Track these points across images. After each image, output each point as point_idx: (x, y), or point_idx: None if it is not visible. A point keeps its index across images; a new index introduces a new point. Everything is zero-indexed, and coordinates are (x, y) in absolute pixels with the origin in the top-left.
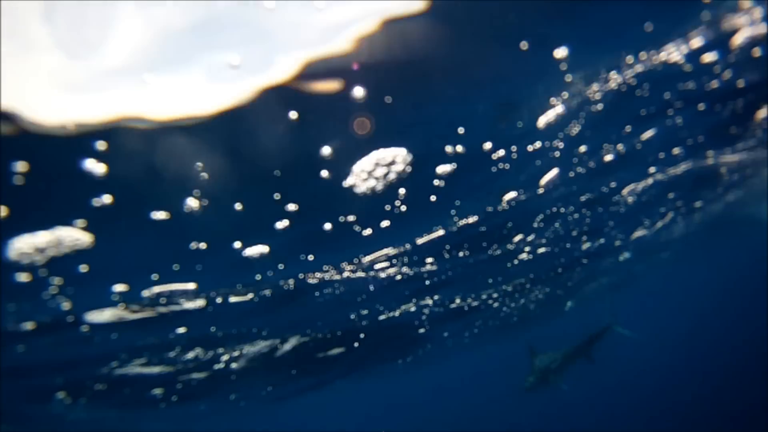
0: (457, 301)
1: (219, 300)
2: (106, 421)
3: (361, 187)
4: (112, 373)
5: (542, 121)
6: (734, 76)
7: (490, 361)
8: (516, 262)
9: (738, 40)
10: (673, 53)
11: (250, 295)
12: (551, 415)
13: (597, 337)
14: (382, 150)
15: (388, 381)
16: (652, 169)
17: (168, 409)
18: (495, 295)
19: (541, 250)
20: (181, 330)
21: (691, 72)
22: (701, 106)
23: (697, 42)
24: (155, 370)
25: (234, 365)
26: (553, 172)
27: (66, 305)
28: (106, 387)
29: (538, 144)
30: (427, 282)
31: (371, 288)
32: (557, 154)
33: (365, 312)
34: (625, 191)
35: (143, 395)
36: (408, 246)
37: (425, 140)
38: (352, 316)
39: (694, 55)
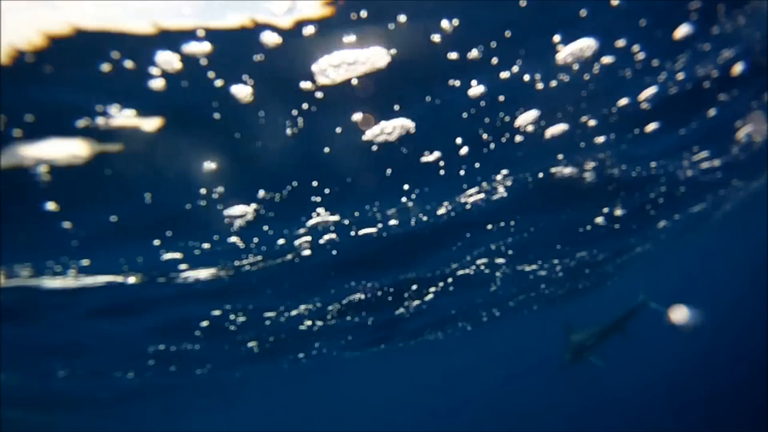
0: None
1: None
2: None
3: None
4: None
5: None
6: None
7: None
8: (590, 227)
9: None
10: None
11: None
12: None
13: (632, 314)
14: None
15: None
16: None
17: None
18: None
19: (618, 212)
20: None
21: None
22: None
23: None
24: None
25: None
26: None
27: None
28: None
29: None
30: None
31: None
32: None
33: (455, 266)
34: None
35: (240, 349)
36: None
37: (610, 32)
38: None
39: None
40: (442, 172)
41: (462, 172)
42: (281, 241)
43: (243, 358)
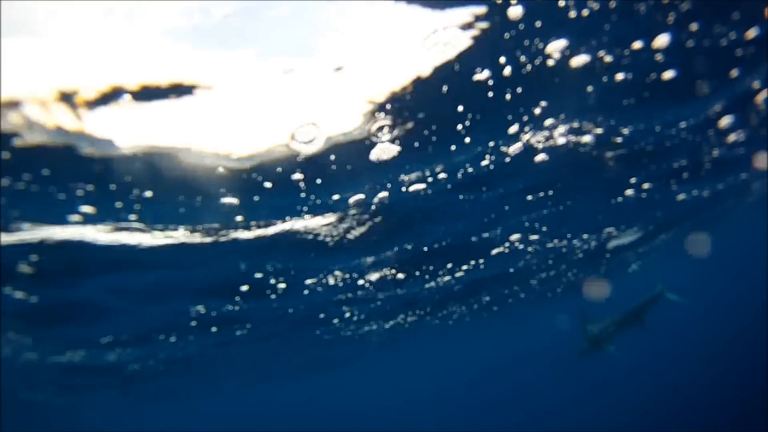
0: (556, 241)
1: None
2: None
3: None
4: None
5: None
6: None
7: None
8: (621, 199)
9: None
10: None
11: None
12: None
13: (649, 304)
14: None
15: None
16: None
17: None
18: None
19: (645, 185)
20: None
21: None
22: None
23: None
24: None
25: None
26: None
27: None
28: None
29: None
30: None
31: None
32: None
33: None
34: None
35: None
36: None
37: None
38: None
39: None
40: (490, 93)
41: (508, 96)
42: (336, 197)
43: (280, 317)
